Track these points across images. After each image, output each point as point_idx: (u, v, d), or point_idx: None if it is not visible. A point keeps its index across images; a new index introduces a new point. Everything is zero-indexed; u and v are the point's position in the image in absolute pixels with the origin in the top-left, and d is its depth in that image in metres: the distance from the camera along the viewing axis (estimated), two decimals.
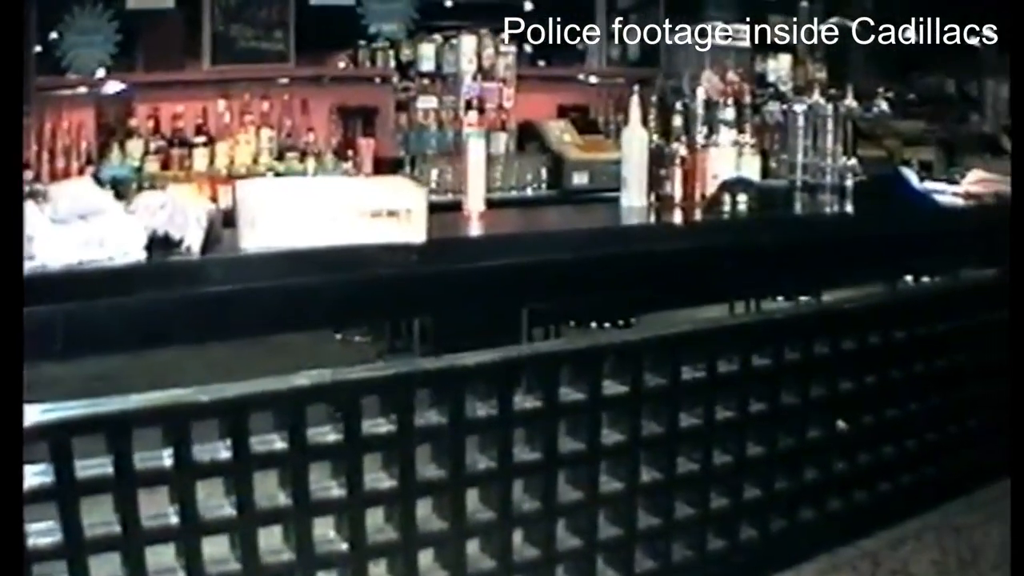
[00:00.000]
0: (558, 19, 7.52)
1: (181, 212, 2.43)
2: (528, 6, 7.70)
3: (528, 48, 7.53)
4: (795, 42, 8.06)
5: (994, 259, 4.87)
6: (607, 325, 3.90)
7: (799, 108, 4.33)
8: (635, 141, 3.86)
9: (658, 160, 3.88)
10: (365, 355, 3.29)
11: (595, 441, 2.98)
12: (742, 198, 3.71)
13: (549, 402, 2.84)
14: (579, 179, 6.04)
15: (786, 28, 7.91)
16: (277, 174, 5.62)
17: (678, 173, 3.86)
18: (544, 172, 5.98)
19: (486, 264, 2.93)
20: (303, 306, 2.60)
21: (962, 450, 4.38)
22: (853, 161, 4.30)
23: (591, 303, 3.74)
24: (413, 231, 2.72)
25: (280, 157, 5.91)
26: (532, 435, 2.88)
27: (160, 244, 2.40)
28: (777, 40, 7.73)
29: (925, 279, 4.80)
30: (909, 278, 4.86)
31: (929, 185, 4.83)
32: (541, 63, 7.75)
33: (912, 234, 4.27)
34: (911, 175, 4.69)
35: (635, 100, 3.90)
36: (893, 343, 3.90)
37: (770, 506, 3.51)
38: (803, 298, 4.37)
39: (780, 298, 4.40)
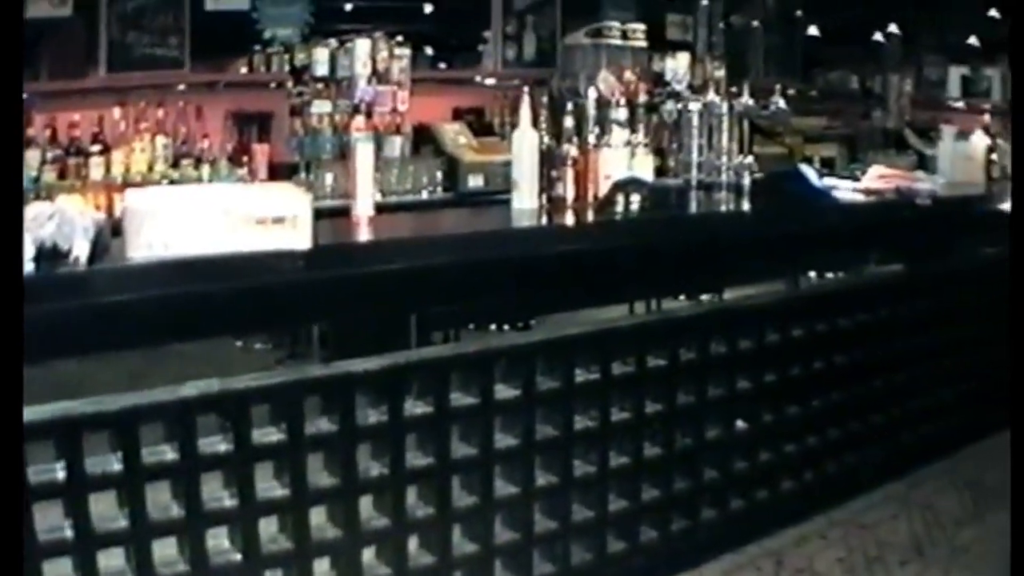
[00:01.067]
0: (455, 21, 7.86)
1: (69, 223, 2.60)
2: (425, 9, 8.04)
3: (429, 51, 7.86)
4: (694, 41, 8.47)
5: (898, 255, 5.26)
6: (506, 327, 4.12)
7: (694, 107, 4.63)
8: (526, 142, 4.11)
9: (550, 161, 4.13)
10: (265, 362, 3.49)
11: (488, 445, 3.25)
12: (635, 198, 3.99)
13: (440, 407, 3.10)
14: (474, 181, 6.30)
15: (685, 27, 8.33)
16: (172, 182, 5.82)
17: (570, 174, 4.13)
18: (439, 175, 6.23)
19: (372, 270, 3.15)
20: (190, 315, 2.80)
21: (866, 446, 4.75)
22: (750, 159, 4.62)
23: (489, 306, 3.98)
24: (299, 238, 2.93)
25: (175, 164, 6.11)
26: (424, 441, 3.12)
27: (48, 255, 2.56)
28: (676, 39, 8.13)
29: (830, 275, 5.10)
30: (813, 275, 5.16)
31: (828, 181, 5.17)
32: (443, 65, 8.07)
33: (812, 231, 4.61)
34: (810, 172, 5.03)
35: (525, 101, 4.15)
36: (792, 340, 4.24)
37: (670, 507, 3.82)
38: (705, 297, 4.64)
39: (682, 297, 4.66)
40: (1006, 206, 6.09)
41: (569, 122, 4.25)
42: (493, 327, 4.10)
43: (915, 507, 4.76)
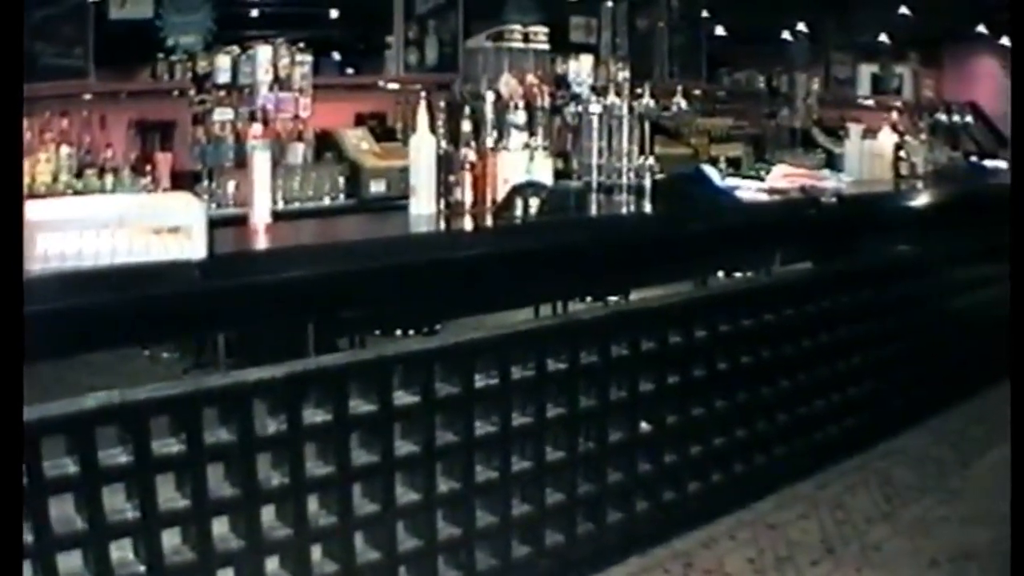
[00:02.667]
0: (360, 26, 8.08)
1: None
2: (331, 14, 8.26)
3: (336, 56, 8.08)
4: (598, 43, 8.78)
5: (805, 253, 5.54)
6: (412, 333, 4.31)
7: (594, 109, 4.86)
8: (423, 148, 4.32)
9: (448, 166, 4.34)
10: (172, 372, 3.64)
11: (389, 452, 3.47)
12: (533, 202, 4.21)
13: (339, 415, 3.31)
14: (376, 187, 6.50)
15: (589, 29, 8.63)
16: (76, 192, 5.94)
17: (468, 178, 4.34)
18: (341, 181, 6.41)
19: (266, 278, 3.34)
20: (88, 326, 2.95)
21: (773, 446, 5.03)
22: (651, 160, 4.86)
23: (394, 311, 4.16)
24: (194, 247, 3.12)
25: (79, 175, 6.22)
26: (324, 449, 3.32)
27: None
28: (579, 41, 8.43)
29: (738, 275, 5.36)
30: (721, 275, 5.42)
31: (731, 181, 5.46)
32: (350, 70, 8.29)
33: (714, 231, 4.87)
34: (712, 172, 5.31)
35: (422, 106, 4.36)
36: (696, 341, 4.52)
37: (574, 510, 4.07)
38: (612, 298, 4.87)
39: (589, 299, 4.88)
40: (915, 203, 6.44)
41: (467, 126, 4.44)
42: (399, 332, 4.27)
43: (825, 506, 5.06)
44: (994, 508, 5.09)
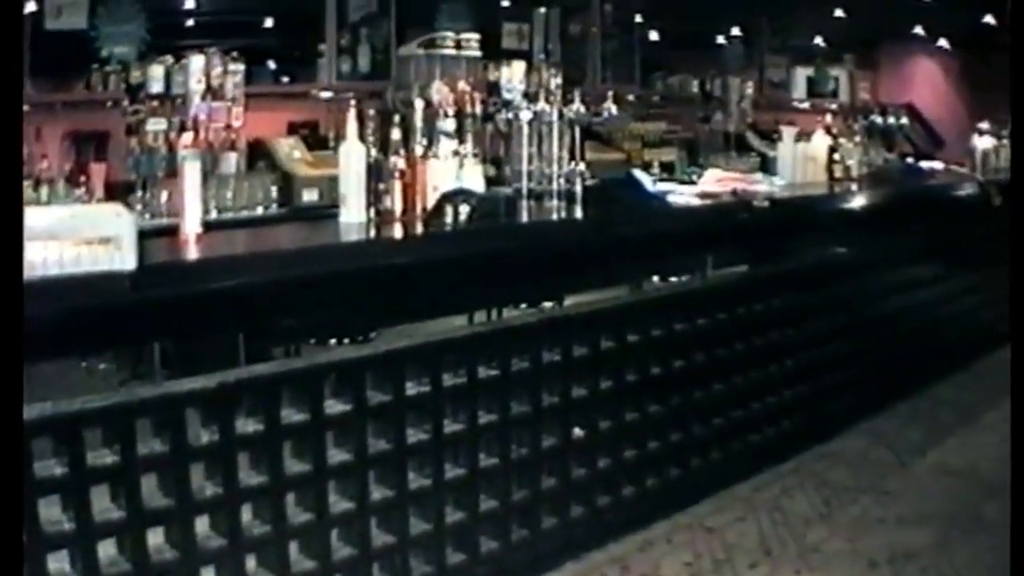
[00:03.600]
0: (294, 34, 8.20)
1: None
2: (266, 23, 8.38)
3: (272, 64, 8.20)
4: (530, 49, 8.96)
5: (739, 257, 5.71)
6: (347, 341, 4.40)
7: (524, 115, 5.00)
8: (353, 156, 4.46)
9: (378, 174, 4.46)
10: (109, 383, 3.72)
11: (322, 461, 3.60)
12: (463, 209, 4.35)
13: (271, 424, 3.43)
14: (309, 196, 6.60)
15: (521, 35, 8.81)
16: None
17: (397, 186, 4.47)
18: (274, 190, 6.50)
19: (197, 288, 3.46)
20: None
21: (709, 449, 5.20)
22: (581, 166, 5.01)
23: (329, 320, 4.27)
24: (124, 258, 3.22)
25: None
26: (257, 458, 3.44)
27: None
28: (512, 48, 8.60)
29: (673, 279, 5.52)
30: (656, 279, 5.57)
31: (663, 186, 5.62)
32: (286, 79, 8.41)
33: (645, 236, 5.03)
34: (643, 177, 5.48)
35: (351, 114, 4.50)
36: (629, 346, 4.67)
37: (508, 516, 4.21)
38: (547, 304, 5.00)
39: (523, 306, 5.01)
40: (849, 205, 6.65)
41: (396, 134, 4.58)
42: (334, 341, 4.38)
43: (762, 508, 5.23)
44: (933, 508, 5.30)
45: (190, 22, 8.09)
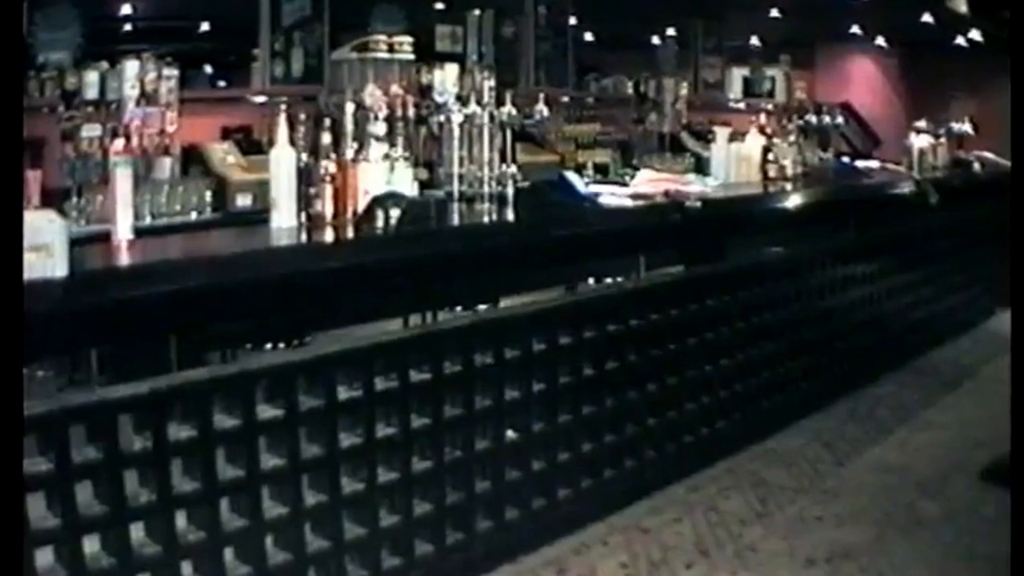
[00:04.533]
0: (230, 39, 8.25)
1: None
2: (202, 27, 8.43)
3: (208, 69, 8.25)
4: (464, 52, 9.08)
5: (673, 257, 5.86)
6: (282, 345, 4.47)
7: (456, 118, 5.10)
8: (283, 160, 4.54)
9: (309, 178, 4.55)
10: (47, 389, 3.77)
11: (255, 467, 3.70)
12: (394, 212, 4.44)
13: (204, 430, 3.52)
14: (243, 201, 6.69)
15: (455, 38, 8.93)
16: None
17: (328, 190, 4.56)
18: (208, 195, 6.57)
19: (127, 294, 3.53)
20: None
21: (643, 450, 5.33)
22: (513, 168, 5.12)
23: (263, 324, 4.35)
24: (56, 265, 3.30)
25: None
26: (191, 465, 3.53)
27: None
28: (446, 51, 8.72)
29: (608, 281, 5.64)
30: (592, 281, 5.70)
31: (595, 188, 5.74)
32: (222, 83, 8.47)
33: (576, 237, 5.16)
34: (575, 179, 5.60)
35: (281, 119, 4.57)
36: (562, 348, 4.80)
37: (443, 520, 4.34)
38: (482, 307, 5.11)
39: (459, 308, 5.11)
40: (782, 205, 6.80)
41: (327, 138, 4.67)
42: (269, 346, 4.46)
43: (698, 509, 5.38)
44: (871, 506, 5.46)
45: (127, 27, 8.13)
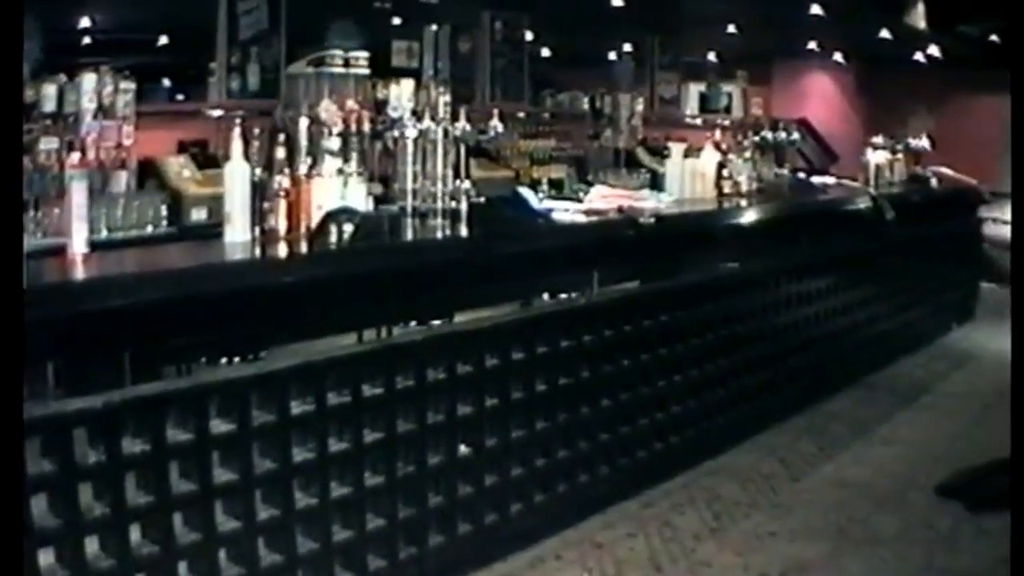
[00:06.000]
0: (188, 52, 8.32)
1: None
2: (157, 41, 8.50)
3: (167, 82, 8.32)
4: (420, 67, 9.21)
5: (628, 273, 5.96)
6: (236, 359, 4.53)
7: (409, 133, 5.20)
8: (237, 175, 4.62)
9: (263, 193, 4.63)
10: None
11: (207, 481, 3.79)
12: (347, 227, 4.54)
13: (157, 444, 3.61)
14: (198, 215, 6.78)
15: (411, 53, 9.04)
16: None
17: (282, 205, 4.64)
18: (164, 209, 6.65)
19: (77, 308, 3.60)
20: None
21: (597, 465, 5.44)
22: (467, 184, 5.22)
23: (220, 338, 4.41)
24: None
25: None
26: (144, 478, 3.62)
27: None
28: (402, 66, 8.83)
29: (564, 296, 5.74)
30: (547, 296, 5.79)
31: (549, 204, 5.85)
32: (180, 96, 8.54)
33: (528, 253, 5.26)
34: (529, 195, 5.71)
35: (236, 133, 4.66)
36: (515, 363, 4.90)
37: (395, 535, 4.44)
38: (436, 322, 5.19)
39: (413, 323, 5.20)
40: (737, 221, 6.93)
41: (281, 153, 4.76)
42: (225, 360, 4.52)
43: (652, 524, 5.49)
44: (826, 522, 5.58)
45: (86, 40, 8.19)
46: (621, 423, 5.62)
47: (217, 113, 8.08)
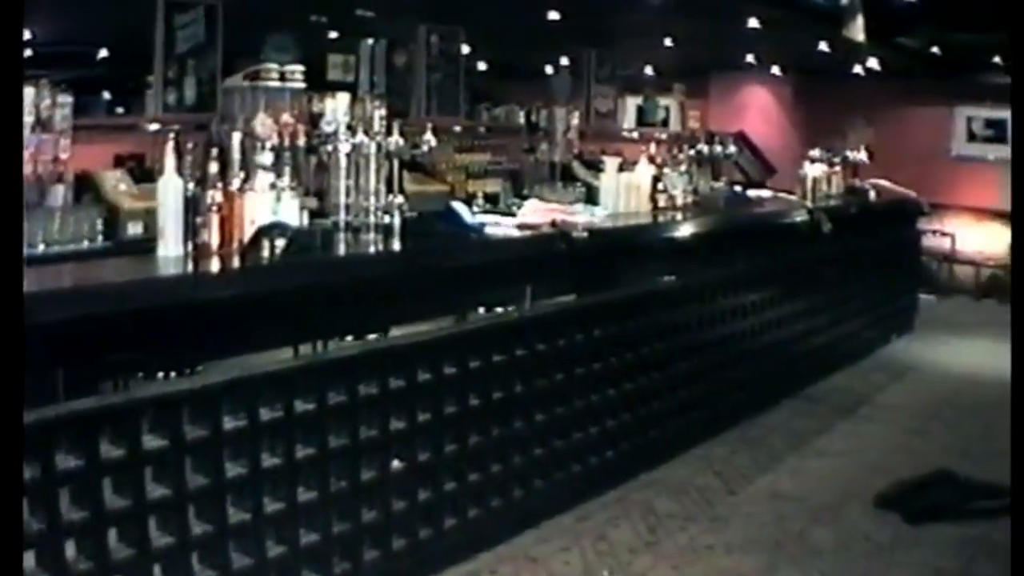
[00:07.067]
0: (127, 66, 8.35)
1: None
2: (97, 54, 8.53)
3: (107, 95, 8.36)
4: (356, 81, 9.31)
5: (560, 287, 6.06)
6: (173, 374, 4.57)
7: (342, 147, 5.28)
8: (170, 189, 4.69)
9: (195, 208, 4.69)
10: None
11: (141, 497, 3.86)
12: (279, 242, 4.62)
13: (90, 460, 3.68)
14: (134, 229, 6.84)
15: (347, 67, 9.14)
16: None
17: (215, 220, 4.71)
18: (100, 223, 6.69)
19: None
20: None
21: (531, 480, 5.54)
22: (399, 198, 5.31)
23: (150, 354, 4.46)
24: None
25: None
26: (78, 495, 3.68)
27: None
28: (338, 79, 8.92)
29: (500, 310, 5.83)
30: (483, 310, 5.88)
31: (482, 218, 5.95)
32: (120, 110, 8.58)
33: (458, 267, 5.37)
34: (462, 209, 5.81)
35: (169, 147, 4.73)
36: (447, 377, 5.00)
37: (329, 550, 4.53)
38: (372, 336, 5.27)
39: (350, 338, 5.27)
40: (671, 234, 7.05)
41: (214, 167, 4.82)
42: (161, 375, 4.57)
43: (587, 538, 5.59)
44: (762, 534, 5.71)
45: (27, 52, 8.21)
46: (555, 437, 5.73)
47: (154, 127, 8.13)
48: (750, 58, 14.85)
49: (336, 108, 5.65)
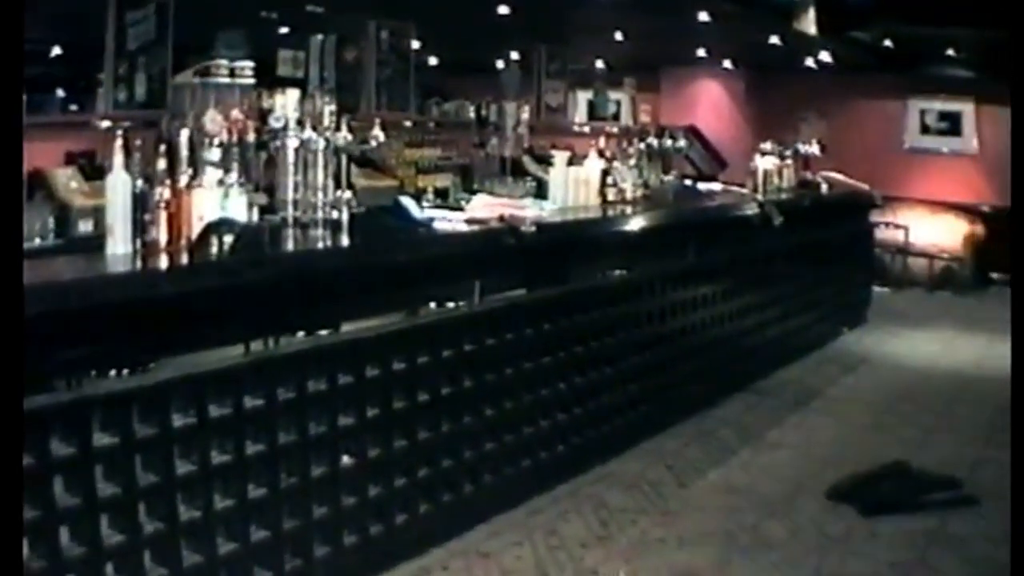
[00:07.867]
0: (80, 63, 8.36)
1: None
2: (49, 52, 8.54)
3: (61, 92, 8.37)
4: (306, 76, 9.35)
5: (509, 282, 6.12)
6: (126, 372, 4.60)
7: (290, 143, 5.33)
8: (119, 186, 4.71)
9: (144, 204, 4.73)
10: None
11: (91, 495, 3.91)
12: (228, 239, 4.65)
13: (40, 458, 3.72)
14: (85, 226, 6.86)
15: (297, 63, 9.17)
16: None
17: (163, 217, 4.75)
18: (52, 221, 6.71)
19: None
20: None
21: (480, 475, 5.63)
22: (348, 194, 5.37)
23: (100, 352, 4.49)
24: None
25: None
26: (31, 492, 3.72)
27: None
28: (288, 75, 8.96)
29: (451, 305, 5.90)
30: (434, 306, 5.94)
31: (431, 213, 6.01)
32: (74, 107, 8.59)
33: (404, 263, 5.44)
34: (410, 204, 5.87)
35: (117, 144, 4.75)
36: (395, 373, 5.09)
37: (280, 546, 4.59)
38: (323, 332, 5.31)
39: (301, 334, 5.32)
40: (620, 227, 7.13)
41: (162, 164, 4.85)
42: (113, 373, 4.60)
43: (538, 532, 5.67)
44: (714, 528, 5.80)
45: None
46: (506, 432, 5.81)
47: (105, 124, 8.13)
48: (701, 52, 14.95)
49: (286, 104, 5.69)
